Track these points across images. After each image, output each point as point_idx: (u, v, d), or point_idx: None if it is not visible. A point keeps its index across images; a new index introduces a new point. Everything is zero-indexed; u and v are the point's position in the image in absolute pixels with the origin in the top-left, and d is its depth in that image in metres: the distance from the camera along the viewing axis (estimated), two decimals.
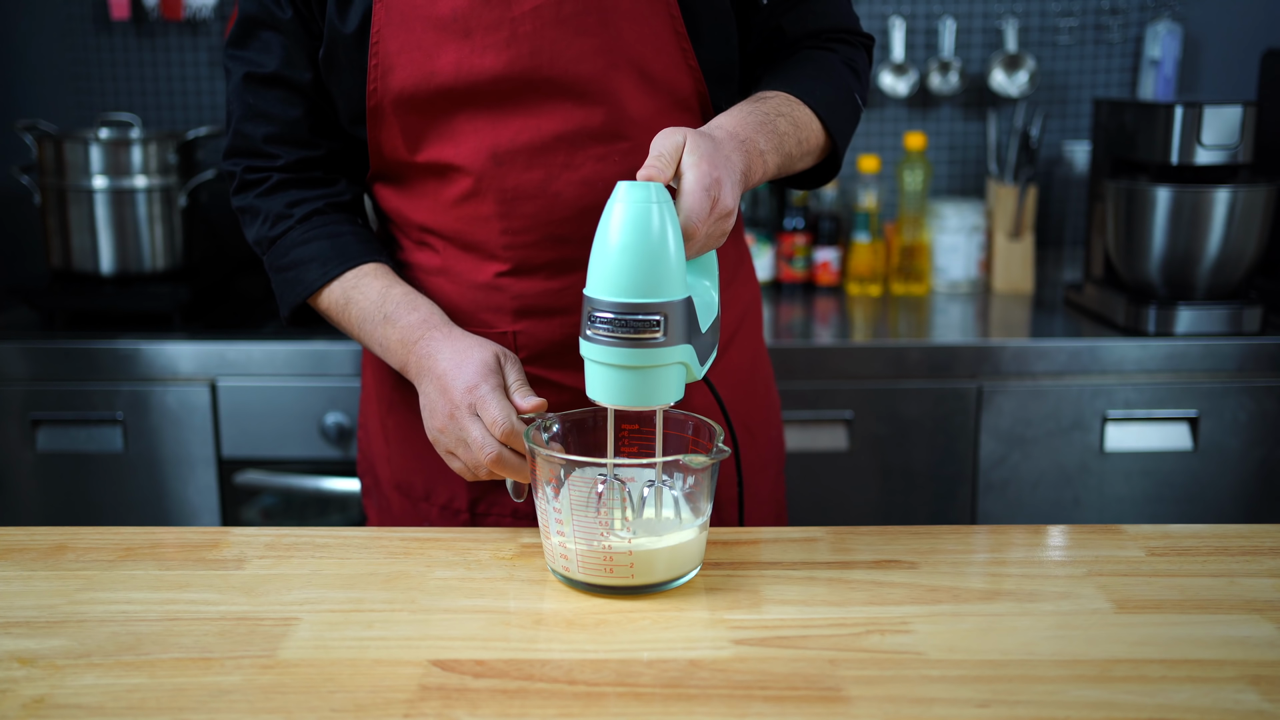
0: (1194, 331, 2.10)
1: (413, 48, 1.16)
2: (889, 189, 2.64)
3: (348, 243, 1.23)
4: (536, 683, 0.85)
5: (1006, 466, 2.10)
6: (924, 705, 0.82)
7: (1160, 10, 2.59)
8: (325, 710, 0.82)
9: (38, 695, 0.84)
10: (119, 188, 2.27)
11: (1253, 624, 0.94)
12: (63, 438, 2.12)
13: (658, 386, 0.98)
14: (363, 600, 0.99)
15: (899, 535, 1.11)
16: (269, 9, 1.21)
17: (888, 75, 2.59)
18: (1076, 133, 2.64)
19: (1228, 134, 2.08)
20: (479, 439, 1.07)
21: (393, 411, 1.32)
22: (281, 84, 1.23)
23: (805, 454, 2.09)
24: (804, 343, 2.10)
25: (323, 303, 1.23)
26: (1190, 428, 2.09)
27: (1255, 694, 0.83)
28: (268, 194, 1.25)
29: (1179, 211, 2.09)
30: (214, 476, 2.12)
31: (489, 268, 1.22)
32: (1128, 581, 1.02)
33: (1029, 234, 2.45)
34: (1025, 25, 2.60)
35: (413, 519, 1.32)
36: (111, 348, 2.10)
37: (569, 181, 1.18)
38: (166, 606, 0.98)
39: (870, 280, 2.47)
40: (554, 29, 1.14)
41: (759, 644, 0.91)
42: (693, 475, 1.01)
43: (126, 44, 2.61)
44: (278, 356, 2.09)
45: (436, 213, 1.22)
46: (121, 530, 1.14)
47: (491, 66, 1.15)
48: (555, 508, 0.99)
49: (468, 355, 1.11)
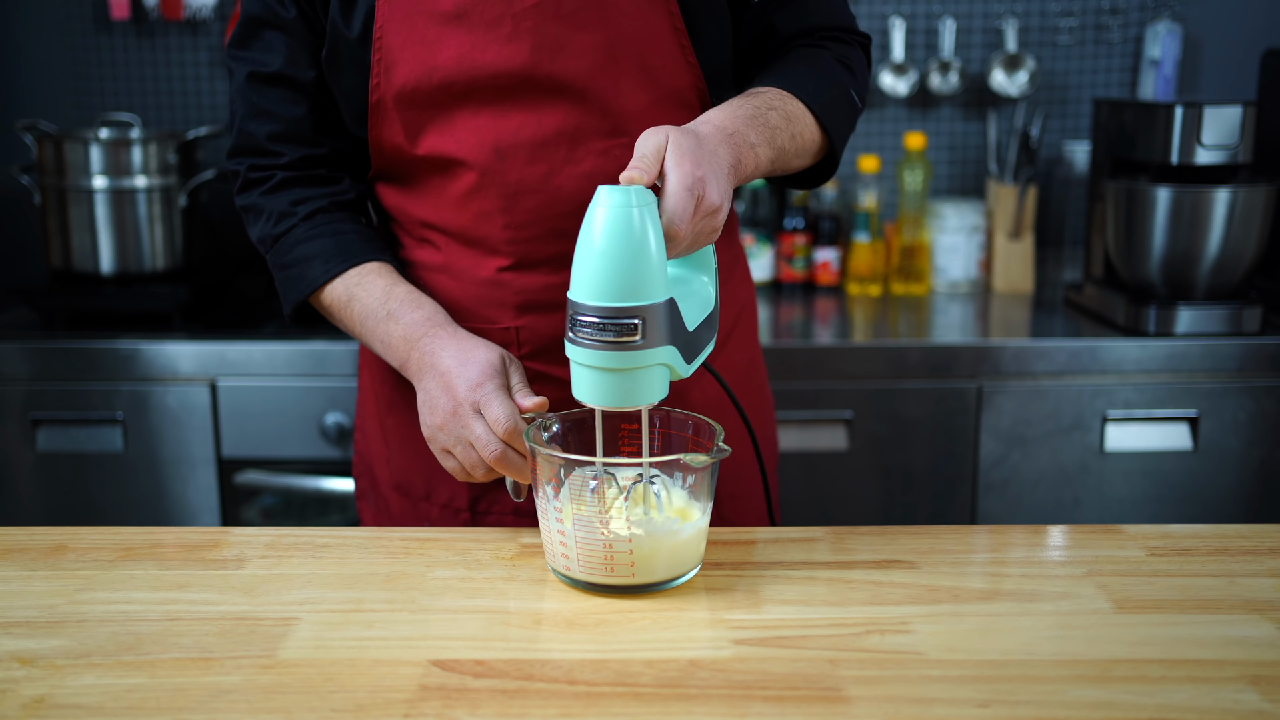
0: (1194, 331, 2.10)
1: (415, 43, 1.16)
2: (889, 189, 2.64)
3: (351, 241, 1.23)
4: (536, 683, 0.85)
5: (1006, 466, 2.10)
6: (924, 705, 0.82)
7: (1160, 10, 2.59)
8: (325, 710, 0.82)
9: (38, 695, 0.84)
10: (119, 188, 2.27)
11: (1253, 624, 0.94)
12: (63, 438, 2.12)
13: (640, 387, 0.98)
14: (363, 600, 0.99)
15: (899, 535, 1.11)
16: (272, 8, 1.21)
17: (888, 75, 2.59)
18: (1076, 133, 2.64)
19: (1228, 134, 2.08)
20: (482, 437, 1.07)
21: (392, 411, 1.32)
22: (285, 83, 1.23)
23: (805, 454, 2.09)
24: (804, 343, 2.10)
25: (325, 300, 1.23)
26: (1190, 428, 2.09)
27: (1255, 694, 0.83)
28: (271, 192, 1.25)
29: (1179, 211, 2.09)
30: (214, 476, 2.12)
31: (491, 263, 1.22)
32: (1128, 581, 1.02)
33: (1029, 234, 2.45)
34: (1025, 25, 2.60)
35: (412, 520, 1.32)
36: (111, 348, 2.10)
37: (570, 176, 1.18)
38: (166, 606, 0.98)
39: (870, 280, 2.47)
40: (555, 24, 1.14)
41: (759, 644, 0.91)
42: (693, 474, 1.01)
43: (126, 44, 2.61)
44: (278, 356, 2.09)
45: (439, 209, 1.22)
46: (121, 530, 1.14)
47: (493, 61, 1.15)
48: (556, 507, 0.99)
49: (473, 354, 1.11)
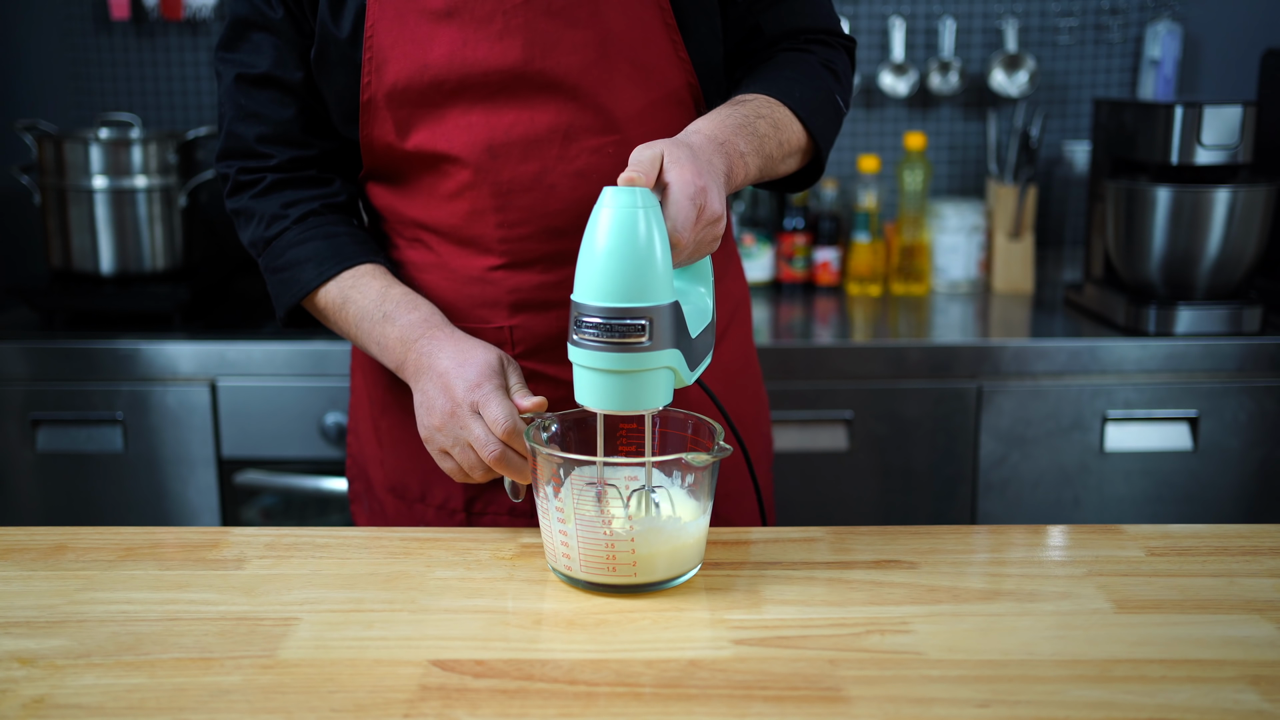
0: (1194, 331, 2.10)
1: (406, 41, 1.16)
2: (889, 189, 2.64)
3: (344, 243, 1.23)
4: (536, 683, 0.85)
5: (1006, 466, 2.10)
6: (924, 705, 0.82)
7: (1160, 10, 2.59)
8: (325, 710, 0.82)
9: (38, 695, 0.84)
10: (119, 188, 2.27)
11: (1253, 624, 0.94)
12: (63, 438, 2.12)
13: (645, 391, 0.98)
14: (363, 600, 0.99)
15: (899, 535, 1.11)
16: (260, 9, 1.21)
17: (888, 75, 2.59)
18: (1076, 133, 2.64)
19: (1228, 134, 2.08)
20: (481, 437, 1.06)
21: (386, 413, 1.32)
22: (273, 84, 1.23)
23: (805, 454, 2.09)
24: (804, 343, 2.10)
25: (319, 303, 1.23)
26: (1190, 428, 2.09)
27: (1255, 694, 0.83)
28: (262, 195, 1.25)
29: (1179, 211, 2.09)
30: (214, 476, 2.12)
31: (484, 262, 1.22)
32: (1128, 581, 1.02)
33: (1029, 234, 2.45)
34: (1025, 25, 2.60)
35: (407, 522, 1.31)
36: (111, 348, 2.10)
37: (563, 174, 1.18)
38: (166, 606, 0.98)
39: (870, 280, 2.47)
40: (545, 21, 1.14)
41: (759, 644, 0.91)
42: (693, 474, 1.01)
43: (126, 44, 2.61)
44: (277, 356, 2.09)
45: (431, 208, 1.22)
46: (121, 530, 1.14)
47: (484, 58, 1.15)
48: (557, 507, 0.99)
49: (471, 355, 1.11)
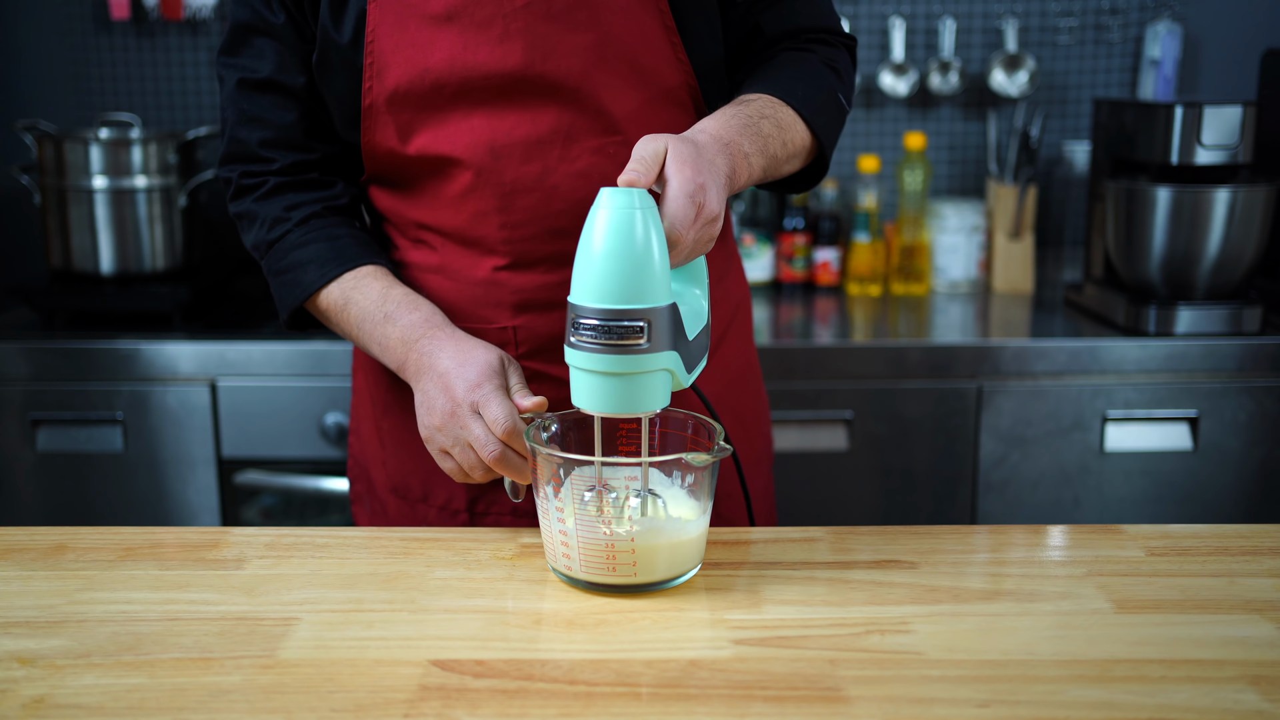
0: (1194, 331, 2.10)
1: (407, 45, 1.16)
2: (889, 189, 2.64)
3: (346, 245, 1.23)
4: (536, 683, 0.85)
5: (1006, 466, 2.10)
6: (924, 705, 0.82)
7: (1160, 10, 2.59)
8: (325, 710, 0.82)
9: (38, 695, 0.84)
10: (119, 188, 2.27)
11: (1253, 624, 0.94)
12: (63, 438, 2.12)
13: (642, 393, 0.97)
14: (362, 600, 0.99)
15: (899, 535, 1.11)
16: (261, 14, 1.21)
17: (888, 75, 2.59)
18: (1076, 133, 2.64)
19: (1228, 134, 2.08)
20: (481, 437, 1.06)
21: (388, 414, 1.32)
22: (275, 89, 1.23)
23: (805, 454, 2.09)
24: (804, 343, 2.10)
25: (321, 304, 1.23)
26: (1190, 428, 2.09)
27: (1255, 694, 0.83)
28: (264, 198, 1.25)
29: (1179, 211, 2.09)
30: (214, 476, 2.12)
31: (487, 263, 1.22)
32: (1128, 581, 1.02)
33: (1029, 234, 2.45)
34: (1025, 25, 2.60)
35: (409, 522, 1.31)
36: (111, 348, 2.10)
37: (566, 174, 1.18)
38: (166, 606, 0.98)
39: (870, 280, 2.47)
40: (545, 24, 1.15)
41: (759, 644, 0.91)
42: (693, 474, 1.01)
43: (126, 44, 2.61)
44: (278, 356, 2.09)
45: (434, 210, 1.22)
46: (121, 530, 1.14)
47: (485, 62, 1.15)
48: (558, 507, 0.99)
49: (472, 355, 1.11)
